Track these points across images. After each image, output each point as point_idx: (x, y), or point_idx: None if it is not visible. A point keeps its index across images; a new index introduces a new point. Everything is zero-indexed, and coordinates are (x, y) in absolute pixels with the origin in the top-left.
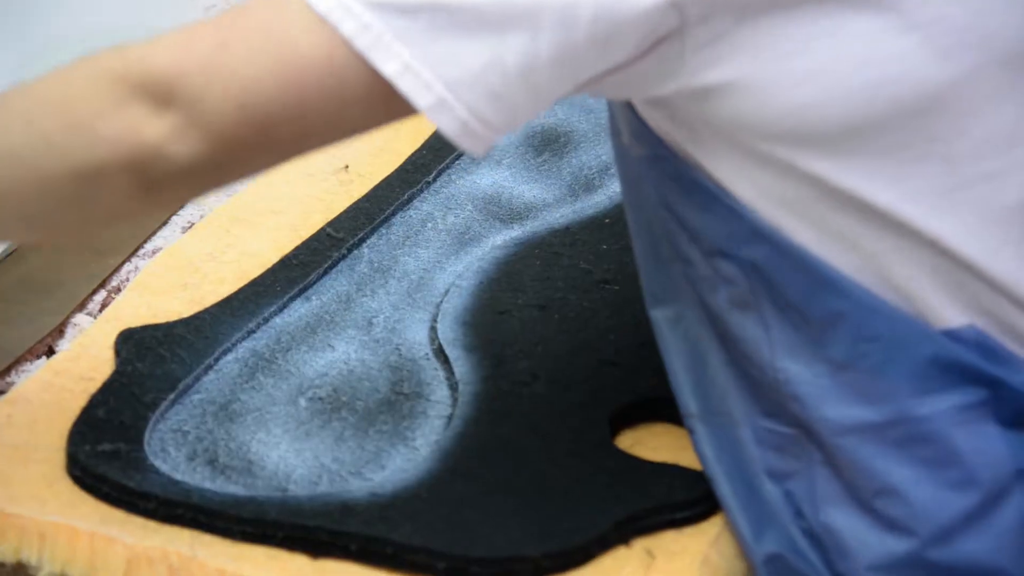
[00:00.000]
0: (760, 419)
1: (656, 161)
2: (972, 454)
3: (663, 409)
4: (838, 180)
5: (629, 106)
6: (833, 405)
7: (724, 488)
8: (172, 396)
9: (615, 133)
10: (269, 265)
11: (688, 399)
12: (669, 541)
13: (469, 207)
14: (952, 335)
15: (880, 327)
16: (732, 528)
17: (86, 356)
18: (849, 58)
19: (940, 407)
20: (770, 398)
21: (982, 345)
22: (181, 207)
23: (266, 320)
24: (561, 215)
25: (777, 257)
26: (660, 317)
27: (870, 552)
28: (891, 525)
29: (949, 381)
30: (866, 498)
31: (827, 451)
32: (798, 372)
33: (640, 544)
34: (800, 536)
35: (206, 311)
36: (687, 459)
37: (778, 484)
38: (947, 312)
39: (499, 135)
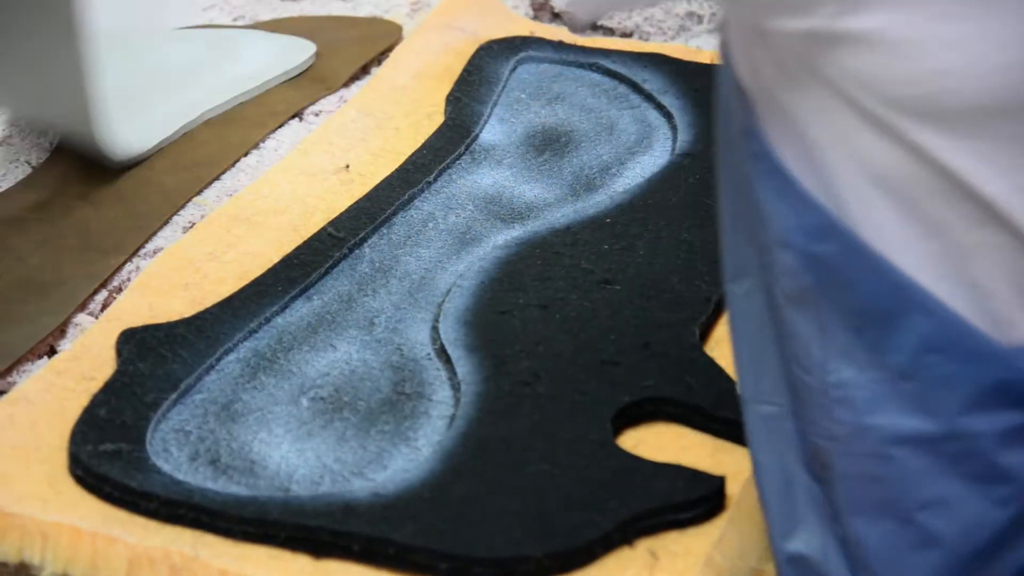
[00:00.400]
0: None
1: (747, 135)
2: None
3: (666, 409)
4: (949, 160)
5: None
6: (885, 413)
7: (764, 479)
8: (174, 396)
9: (726, 95)
10: (270, 265)
11: (747, 383)
12: (672, 542)
13: (470, 207)
14: (1020, 352)
15: (949, 339)
16: (765, 520)
17: (87, 356)
18: (1006, 29)
19: (996, 426)
20: (811, 403)
21: None
22: None
23: (267, 320)
24: (562, 215)
25: (849, 255)
26: (735, 292)
27: (903, 567)
28: (930, 539)
29: (1010, 401)
30: (906, 511)
31: (862, 462)
32: (851, 376)
33: (643, 545)
34: (832, 540)
35: (207, 311)
36: (690, 459)
37: (818, 483)
38: (1018, 316)
39: (601, 9)
